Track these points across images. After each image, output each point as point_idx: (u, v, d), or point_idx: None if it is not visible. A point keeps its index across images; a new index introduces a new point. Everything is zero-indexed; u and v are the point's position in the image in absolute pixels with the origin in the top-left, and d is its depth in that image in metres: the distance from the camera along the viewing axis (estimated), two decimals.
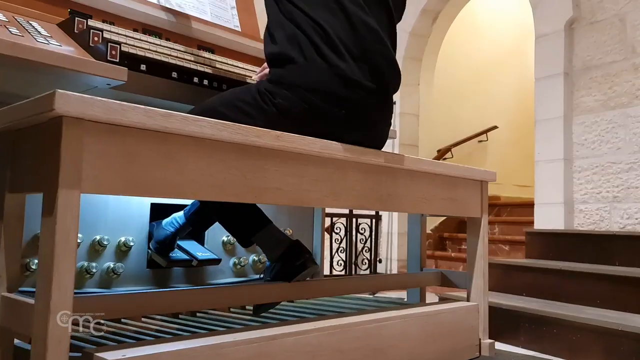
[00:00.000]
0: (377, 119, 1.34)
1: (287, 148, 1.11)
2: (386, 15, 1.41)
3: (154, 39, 1.64)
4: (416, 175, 1.43)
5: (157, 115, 0.90)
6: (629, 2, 3.29)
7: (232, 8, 2.13)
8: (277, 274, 1.43)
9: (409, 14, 4.96)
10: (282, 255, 1.42)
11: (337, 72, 1.23)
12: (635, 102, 3.23)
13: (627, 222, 3.23)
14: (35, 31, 1.36)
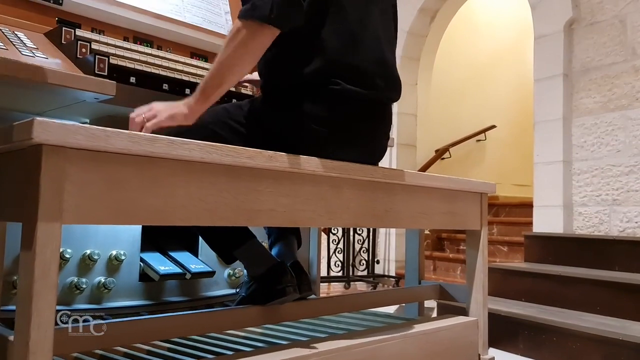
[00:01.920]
0: (375, 135, 1.30)
1: (280, 168, 1.07)
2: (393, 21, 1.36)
3: (145, 47, 1.60)
4: (414, 190, 1.39)
5: (142, 140, 0.86)
6: (629, 3, 3.25)
7: (226, 13, 2.08)
8: (253, 294, 1.35)
9: (407, 12, 4.91)
10: (263, 275, 1.34)
11: (333, 92, 1.18)
12: (635, 105, 3.20)
13: (626, 226, 3.21)
14: (21, 43, 1.32)
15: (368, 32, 1.25)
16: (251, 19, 1.09)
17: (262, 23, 1.08)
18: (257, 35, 1.10)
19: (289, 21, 1.10)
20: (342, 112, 1.20)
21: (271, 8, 1.07)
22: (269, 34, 1.10)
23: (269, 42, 1.13)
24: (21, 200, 0.81)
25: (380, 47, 1.28)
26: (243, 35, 1.10)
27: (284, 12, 1.08)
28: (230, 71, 1.13)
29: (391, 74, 1.30)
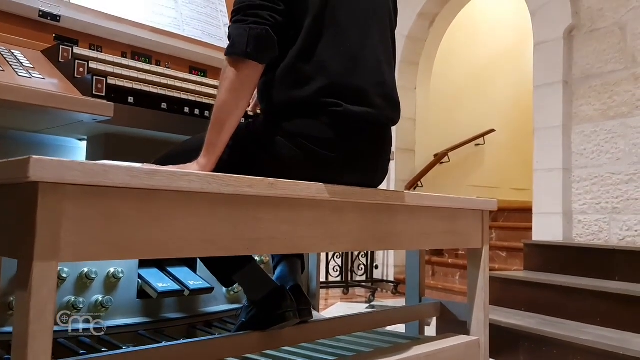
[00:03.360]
0: (376, 157, 1.28)
1: (281, 195, 1.05)
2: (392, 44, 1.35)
3: (143, 64, 1.58)
4: (416, 211, 1.38)
5: (141, 175, 0.84)
6: (629, 11, 3.24)
7: (225, 25, 2.06)
8: (253, 319, 1.33)
9: (406, 17, 4.90)
10: (263, 300, 1.32)
11: (335, 113, 1.17)
12: (635, 113, 3.19)
13: (626, 234, 3.20)
14: (17, 62, 1.30)
15: (368, 54, 1.24)
16: (232, 55, 1.14)
17: (241, 58, 1.13)
18: (240, 69, 1.14)
19: (264, 55, 1.15)
20: (344, 133, 1.19)
21: (247, 43, 1.12)
22: (251, 67, 1.14)
23: (254, 75, 1.16)
24: (17, 237, 0.79)
25: (381, 69, 1.27)
26: (229, 72, 1.15)
27: (258, 46, 1.13)
28: (228, 112, 1.15)
29: (391, 96, 1.29)
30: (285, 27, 1.18)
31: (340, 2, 1.22)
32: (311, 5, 1.19)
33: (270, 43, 1.15)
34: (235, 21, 1.17)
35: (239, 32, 1.13)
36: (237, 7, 1.17)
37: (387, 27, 1.33)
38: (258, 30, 1.13)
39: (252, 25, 1.13)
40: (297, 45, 1.18)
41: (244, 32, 1.12)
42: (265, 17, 1.15)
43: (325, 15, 1.20)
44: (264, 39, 1.14)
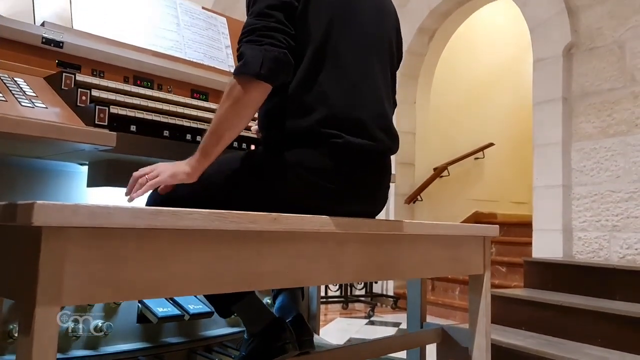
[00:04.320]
0: (377, 187, 1.28)
1: (285, 229, 1.05)
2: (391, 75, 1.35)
3: (145, 89, 1.58)
4: (417, 239, 1.38)
5: (145, 215, 0.84)
6: (628, 29, 3.26)
7: (226, 47, 2.07)
8: (253, 352, 1.32)
9: (406, 32, 4.92)
10: (262, 332, 1.32)
11: (336, 145, 1.17)
12: (634, 131, 3.20)
13: (626, 252, 3.20)
14: (20, 91, 1.30)
15: (369, 85, 1.25)
16: (243, 75, 1.12)
17: (253, 78, 1.12)
18: (249, 90, 1.12)
19: (277, 77, 1.14)
20: (345, 164, 1.19)
21: (261, 64, 1.10)
22: (260, 88, 1.13)
23: (261, 97, 1.15)
24: (18, 280, 0.78)
25: (381, 100, 1.27)
26: (237, 90, 1.13)
27: (272, 68, 1.11)
28: (227, 128, 1.16)
29: (390, 127, 1.29)
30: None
31: (341, 34, 1.22)
32: (313, 35, 1.19)
33: (288, 66, 1.14)
34: (249, 41, 1.14)
35: (254, 53, 1.11)
36: (251, 28, 1.15)
37: (387, 60, 1.34)
38: (275, 53, 1.12)
39: (267, 47, 1.11)
40: (299, 74, 1.18)
41: (259, 53, 1.11)
42: (281, 39, 1.14)
43: (327, 46, 1.20)
44: (282, 62, 1.12)
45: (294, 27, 1.18)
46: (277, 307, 1.48)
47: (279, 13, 1.15)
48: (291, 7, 1.17)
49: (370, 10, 1.30)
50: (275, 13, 1.14)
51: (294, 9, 1.18)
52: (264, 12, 1.15)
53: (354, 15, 1.25)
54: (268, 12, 1.14)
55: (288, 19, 1.16)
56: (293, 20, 1.18)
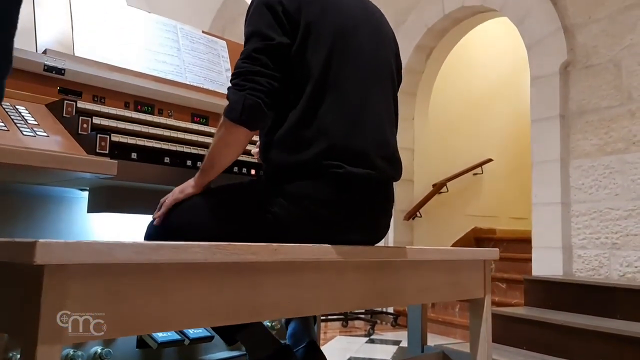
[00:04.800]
0: (378, 215, 1.29)
1: (285, 259, 1.05)
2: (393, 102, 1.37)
3: (146, 115, 1.59)
4: (418, 265, 1.38)
5: (146, 250, 0.84)
6: (623, 48, 3.29)
7: (226, 70, 2.09)
8: None
9: (403, 49, 4.93)
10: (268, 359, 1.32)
11: (337, 175, 1.17)
12: (632, 149, 3.21)
13: (626, 270, 3.20)
14: (22, 120, 1.31)
15: (369, 114, 1.26)
16: (227, 119, 1.21)
17: (235, 123, 1.19)
18: (232, 132, 1.22)
19: (256, 124, 1.22)
20: (346, 195, 1.19)
21: (242, 111, 1.17)
22: (242, 131, 1.21)
23: (245, 138, 1.24)
24: (19, 318, 0.78)
25: (382, 128, 1.28)
26: (223, 130, 1.23)
27: (251, 116, 1.18)
28: (219, 158, 1.27)
29: (392, 155, 1.30)
30: (286, 92, 1.20)
31: (341, 65, 1.24)
32: (312, 70, 1.21)
33: (261, 115, 1.20)
34: (234, 85, 1.21)
35: (236, 99, 1.18)
36: (238, 71, 1.20)
37: (389, 85, 1.35)
38: (251, 101, 1.17)
39: (248, 94, 1.17)
40: (298, 109, 1.20)
41: (240, 99, 1.17)
42: (263, 83, 1.17)
43: (327, 79, 1.21)
44: (256, 110, 1.18)
45: (286, 66, 1.21)
46: (289, 335, 1.47)
47: (264, 57, 1.18)
48: (280, 48, 1.20)
49: (369, 37, 1.32)
50: (261, 57, 1.18)
51: (285, 49, 1.20)
52: (251, 55, 1.19)
53: (353, 45, 1.27)
54: (254, 55, 1.19)
55: (275, 61, 1.19)
56: (283, 61, 1.20)
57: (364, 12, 1.35)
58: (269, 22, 1.19)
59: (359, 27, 1.29)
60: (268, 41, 1.19)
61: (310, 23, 1.21)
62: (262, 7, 1.21)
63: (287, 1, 1.20)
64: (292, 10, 1.20)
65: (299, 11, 1.21)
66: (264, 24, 1.20)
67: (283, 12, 1.20)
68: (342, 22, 1.26)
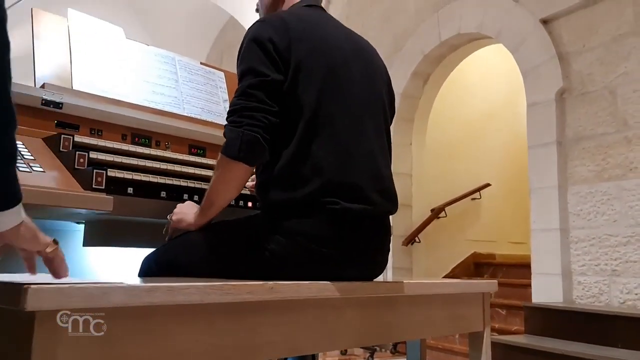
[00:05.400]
0: (375, 250, 1.28)
1: (282, 298, 1.04)
2: (386, 135, 1.37)
3: (143, 147, 1.60)
4: (417, 300, 1.36)
5: (140, 293, 0.83)
6: (618, 76, 3.33)
7: (224, 101, 2.10)
8: None
9: (400, 76, 5.00)
10: None
11: (332, 211, 1.17)
12: (629, 175, 3.22)
13: (627, 297, 3.17)
14: (18, 155, 1.31)
15: (363, 148, 1.26)
16: (225, 156, 1.20)
17: (233, 160, 1.19)
18: (231, 169, 1.21)
19: (255, 160, 1.21)
20: (343, 231, 1.19)
21: (239, 147, 1.17)
22: (241, 168, 1.21)
23: (244, 174, 1.23)
24: None
25: (376, 162, 1.28)
26: (221, 167, 1.23)
27: (249, 151, 1.18)
28: (218, 197, 1.26)
29: (387, 188, 1.30)
30: (280, 128, 1.20)
31: (333, 101, 1.24)
32: (305, 106, 1.21)
33: (260, 150, 1.19)
34: (230, 122, 1.20)
35: (234, 135, 1.18)
36: (233, 108, 1.20)
37: (381, 119, 1.35)
38: (250, 137, 1.17)
39: (245, 129, 1.17)
40: (292, 146, 1.20)
41: (237, 136, 1.17)
42: (260, 119, 1.17)
43: (319, 114, 1.22)
44: (255, 145, 1.18)
45: (280, 102, 1.21)
46: None
47: (259, 92, 1.19)
48: (274, 84, 1.20)
49: (360, 72, 1.33)
50: (256, 92, 1.19)
51: (278, 85, 1.21)
52: (246, 91, 1.19)
53: (344, 81, 1.27)
54: (249, 91, 1.19)
55: (270, 97, 1.20)
56: (277, 96, 1.21)
57: (355, 47, 1.36)
58: (261, 59, 1.20)
59: (350, 62, 1.30)
60: (262, 77, 1.19)
61: (300, 60, 1.22)
62: (254, 44, 1.22)
63: (277, 39, 1.21)
64: (283, 48, 1.21)
65: (289, 49, 1.22)
66: (256, 61, 1.20)
67: (274, 49, 1.21)
68: (333, 58, 1.27)
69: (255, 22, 1.29)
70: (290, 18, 1.27)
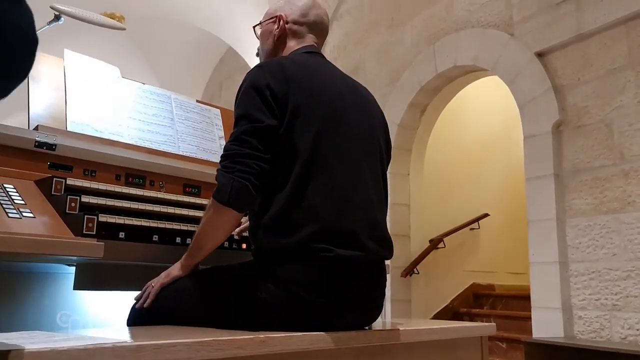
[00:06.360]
0: (370, 297, 1.26)
1: (274, 352, 1.02)
2: (383, 180, 1.36)
3: (136, 190, 1.58)
4: (413, 347, 1.33)
5: (127, 352, 0.81)
6: (613, 109, 3.34)
7: (220, 138, 2.10)
8: None
9: (398, 107, 5.03)
10: None
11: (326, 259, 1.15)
12: (627, 209, 3.20)
13: (628, 333, 3.12)
14: (8, 200, 1.29)
15: (359, 194, 1.25)
16: (216, 201, 1.21)
17: (223, 205, 1.19)
18: (220, 214, 1.22)
19: (244, 207, 1.22)
20: (337, 278, 1.17)
21: (229, 194, 1.17)
22: (230, 213, 1.21)
23: (233, 220, 1.24)
24: None
25: (372, 209, 1.27)
26: (211, 212, 1.23)
27: (239, 198, 1.18)
28: (207, 241, 1.26)
29: (382, 235, 1.28)
30: (274, 173, 1.20)
31: (329, 146, 1.23)
32: (301, 150, 1.20)
33: (250, 197, 1.19)
34: (223, 167, 1.20)
35: (225, 181, 1.18)
36: (227, 153, 1.20)
37: (378, 164, 1.34)
38: (241, 184, 1.17)
39: (236, 176, 1.17)
40: (286, 191, 1.19)
41: (229, 182, 1.17)
42: (252, 165, 1.17)
43: (315, 159, 1.21)
44: (244, 193, 1.17)
45: (274, 147, 1.21)
46: None
47: (253, 139, 1.19)
48: (268, 130, 1.20)
49: (357, 118, 1.33)
50: (249, 139, 1.19)
51: (273, 130, 1.21)
52: (240, 137, 1.20)
53: (340, 126, 1.27)
54: (243, 137, 1.19)
55: (264, 143, 1.20)
56: (271, 142, 1.21)
57: (352, 93, 1.36)
58: (257, 105, 1.20)
59: (347, 108, 1.30)
60: (256, 124, 1.19)
61: (298, 106, 1.22)
62: (251, 89, 1.22)
63: (275, 84, 1.22)
64: (280, 94, 1.21)
65: (287, 94, 1.22)
66: (252, 106, 1.20)
67: (271, 95, 1.21)
68: (330, 104, 1.27)
69: (254, 68, 1.30)
70: (288, 64, 1.28)
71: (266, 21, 1.49)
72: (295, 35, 1.44)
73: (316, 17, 1.45)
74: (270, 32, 1.46)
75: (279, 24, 1.44)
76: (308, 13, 1.44)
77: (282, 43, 1.45)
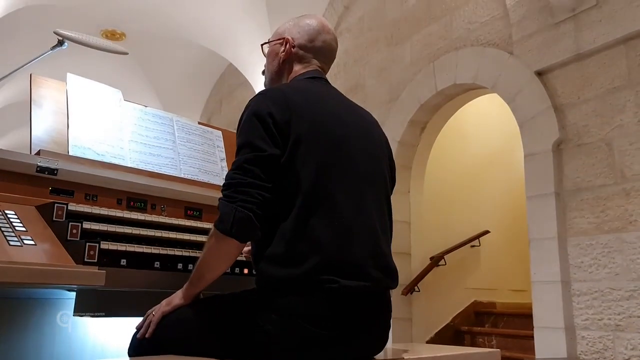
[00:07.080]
0: (375, 327, 1.24)
1: None
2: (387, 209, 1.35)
3: (137, 214, 1.58)
4: None
5: None
6: (613, 128, 3.35)
7: (221, 160, 2.09)
8: None
9: (397, 124, 5.04)
10: None
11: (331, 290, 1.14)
12: (629, 228, 3.19)
13: (631, 354, 3.09)
14: (9, 227, 1.29)
15: (363, 224, 1.24)
16: (218, 230, 1.20)
17: (225, 235, 1.19)
18: (222, 244, 1.21)
19: (246, 237, 1.21)
20: (342, 310, 1.16)
21: (232, 224, 1.17)
22: (232, 243, 1.20)
23: (235, 249, 1.23)
24: None
25: (376, 239, 1.26)
26: (213, 241, 1.23)
27: (241, 229, 1.18)
28: (208, 270, 1.25)
29: (387, 265, 1.27)
30: (277, 203, 1.19)
31: (332, 176, 1.22)
32: (303, 182, 1.20)
33: (252, 228, 1.18)
34: (225, 196, 1.20)
35: (227, 211, 1.17)
36: (229, 182, 1.20)
37: (382, 192, 1.34)
38: (243, 214, 1.16)
39: (239, 205, 1.16)
40: (289, 221, 1.18)
41: (231, 212, 1.16)
42: (255, 195, 1.16)
43: (318, 189, 1.20)
44: (247, 223, 1.17)
45: (277, 177, 1.20)
46: None
47: (256, 168, 1.18)
48: (270, 159, 1.20)
49: (361, 145, 1.32)
50: (252, 168, 1.18)
51: (275, 159, 1.20)
52: (242, 166, 1.19)
53: (344, 155, 1.26)
54: (246, 166, 1.19)
55: (266, 172, 1.19)
56: (273, 171, 1.20)
57: (355, 120, 1.36)
58: (260, 134, 1.20)
59: (350, 136, 1.30)
60: (259, 152, 1.18)
61: (300, 135, 1.21)
62: (253, 118, 1.22)
63: (277, 113, 1.21)
64: (282, 123, 1.21)
65: (289, 124, 1.21)
66: (255, 135, 1.20)
67: (273, 124, 1.20)
68: (333, 132, 1.26)
69: (257, 95, 1.29)
70: (291, 91, 1.28)
71: (274, 41, 1.48)
72: (301, 60, 1.44)
73: (323, 44, 1.45)
74: (277, 53, 1.46)
75: (285, 47, 1.44)
76: (315, 39, 1.44)
77: (287, 65, 1.45)
